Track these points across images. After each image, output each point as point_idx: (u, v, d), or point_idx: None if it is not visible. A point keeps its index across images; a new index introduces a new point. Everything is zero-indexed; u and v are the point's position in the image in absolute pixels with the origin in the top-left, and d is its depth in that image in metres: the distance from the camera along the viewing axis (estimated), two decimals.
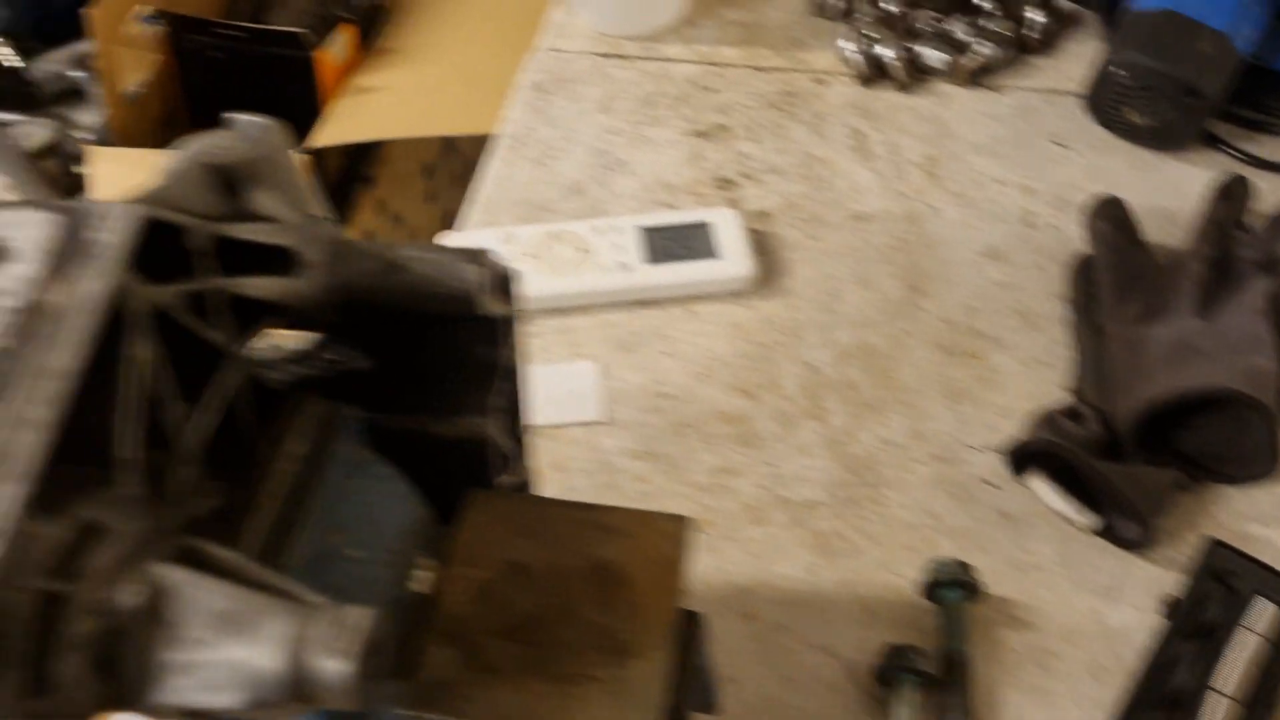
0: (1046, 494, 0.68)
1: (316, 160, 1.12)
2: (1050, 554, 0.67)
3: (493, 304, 0.48)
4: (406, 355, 0.51)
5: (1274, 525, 0.69)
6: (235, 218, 0.45)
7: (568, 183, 0.90)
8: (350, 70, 1.21)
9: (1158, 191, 0.87)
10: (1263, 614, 0.62)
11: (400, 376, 0.51)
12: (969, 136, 0.93)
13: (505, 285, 0.49)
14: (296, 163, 0.49)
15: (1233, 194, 0.83)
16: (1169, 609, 0.63)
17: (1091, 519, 0.67)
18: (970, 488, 0.70)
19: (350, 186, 1.27)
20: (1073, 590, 0.66)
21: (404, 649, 0.44)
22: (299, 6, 1.26)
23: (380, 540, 0.48)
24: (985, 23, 1.00)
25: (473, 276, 0.47)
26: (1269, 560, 0.64)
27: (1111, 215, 0.82)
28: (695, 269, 0.80)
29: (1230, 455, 0.70)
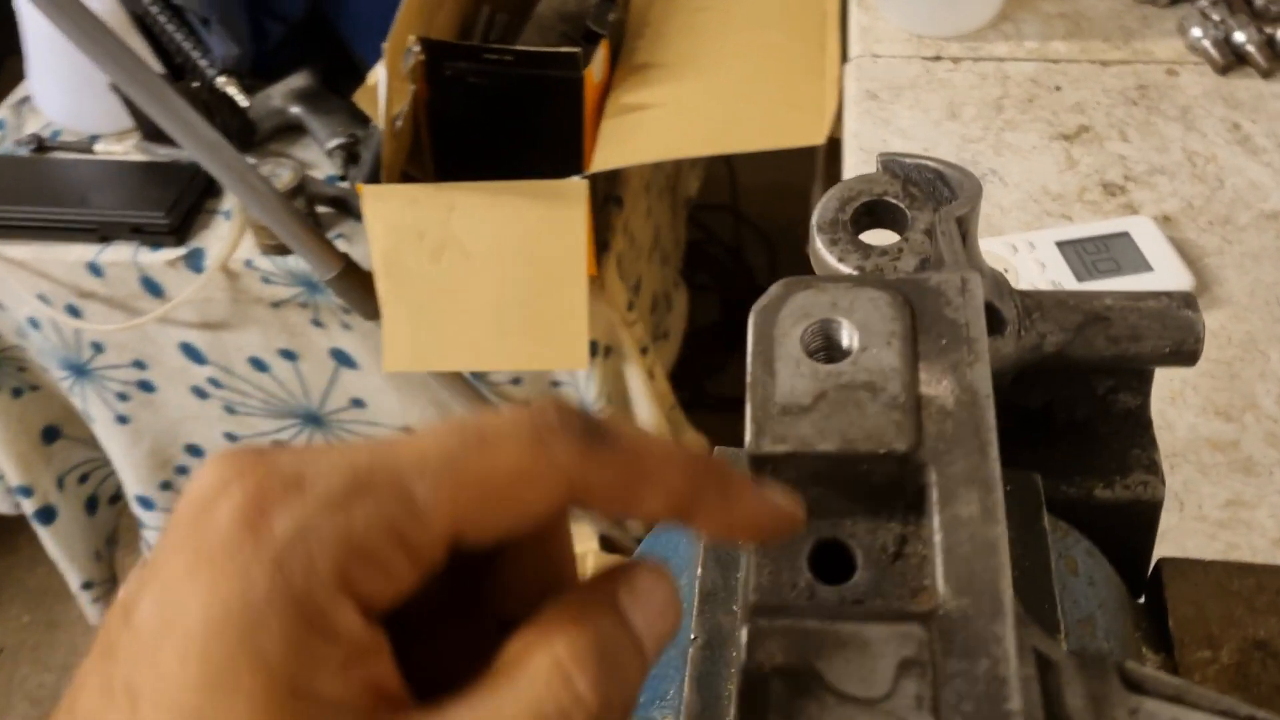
0: None
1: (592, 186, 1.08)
2: None
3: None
4: (1059, 412, 0.46)
5: None
6: None
7: None
8: (607, 89, 1.17)
9: None
10: None
11: (1052, 436, 0.46)
12: None
13: None
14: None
15: None
16: None
17: None
18: None
19: (606, 210, 1.23)
20: None
21: None
22: (547, 25, 1.22)
23: (1094, 629, 0.43)
24: None
25: (1197, 324, 0.42)
26: None
27: None
28: (1132, 284, 0.74)
29: None
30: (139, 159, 1.32)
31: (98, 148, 1.34)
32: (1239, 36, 0.92)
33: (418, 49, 1.12)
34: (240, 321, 1.28)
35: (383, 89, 1.07)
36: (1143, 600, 0.46)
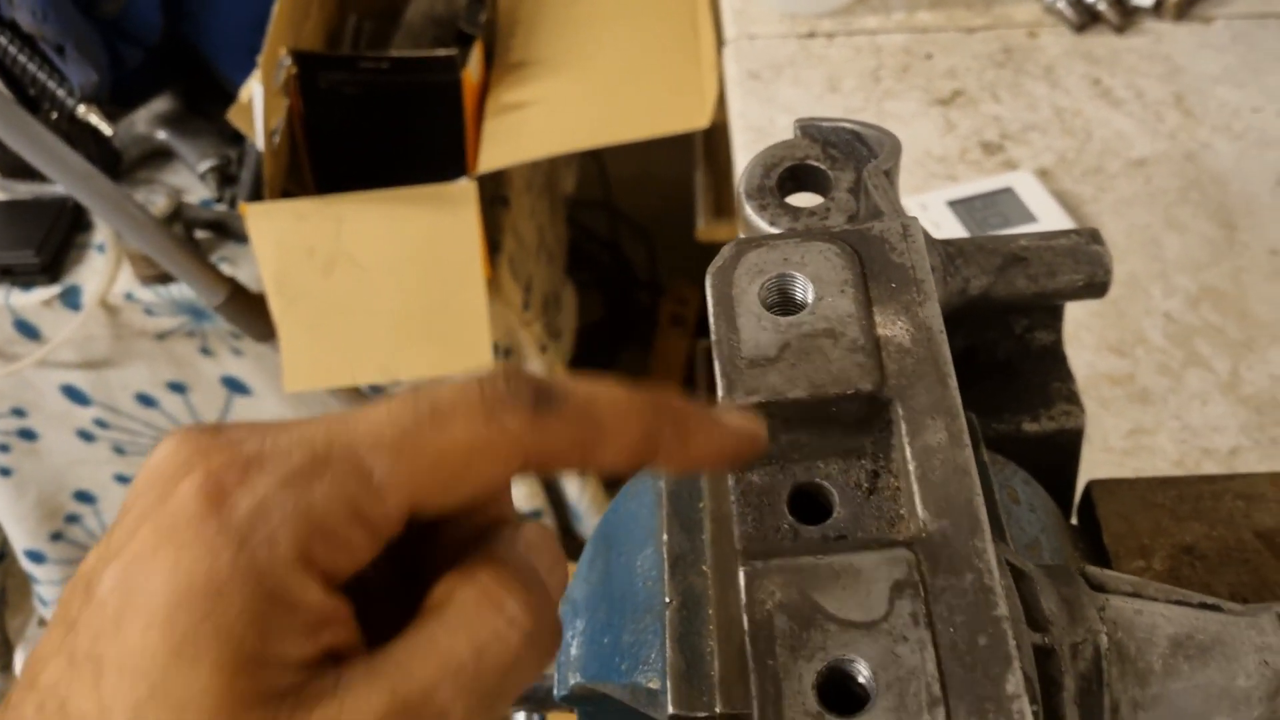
0: None
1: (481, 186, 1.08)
2: None
3: None
4: (981, 353, 0.49)
5: None
6: None
7: None
8: (485, 89, 1.17)
9: None
10: None
11: (976, 376, 0.49)
12: (1202, 70, 0.93)
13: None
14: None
15: None
16: None
17: None
18: None
19: (494, 210, 1.23)
20: None
21: None
22: (418, 30, 1.21)
23: (1040, 551, 0.45)
24: None
25: (1105, 256, 0.45)
26: None
27: None
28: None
29: None
30: (0, 198, 1.27)
31: None
32: None
33: (289, 62, 1.10)
34: (124, 357, 1.24)
35: (259, 105, 1.05)
36: (1075, 521, 0.49)
